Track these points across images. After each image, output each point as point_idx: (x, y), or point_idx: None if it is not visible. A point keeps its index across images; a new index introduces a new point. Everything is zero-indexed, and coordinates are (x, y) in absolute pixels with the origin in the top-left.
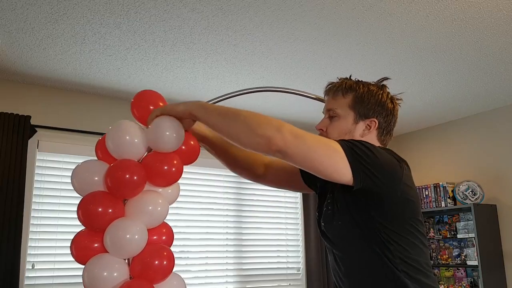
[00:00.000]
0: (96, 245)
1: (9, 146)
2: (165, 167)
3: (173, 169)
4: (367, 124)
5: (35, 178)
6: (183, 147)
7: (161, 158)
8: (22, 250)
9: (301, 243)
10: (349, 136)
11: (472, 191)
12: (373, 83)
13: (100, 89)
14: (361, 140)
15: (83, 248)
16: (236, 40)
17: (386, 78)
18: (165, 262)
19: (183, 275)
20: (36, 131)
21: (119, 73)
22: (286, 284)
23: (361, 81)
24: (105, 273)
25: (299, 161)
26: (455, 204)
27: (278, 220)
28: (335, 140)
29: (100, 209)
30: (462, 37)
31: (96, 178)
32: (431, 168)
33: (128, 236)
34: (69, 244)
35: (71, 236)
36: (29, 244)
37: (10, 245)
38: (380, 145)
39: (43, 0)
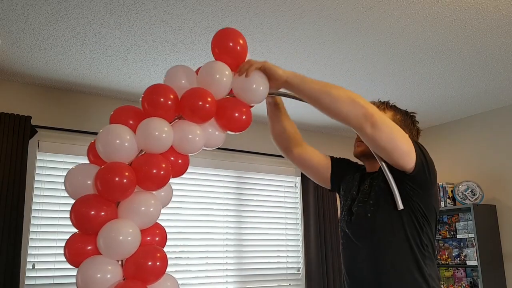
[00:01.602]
0: (89, 247)
1: (9, 146)
2: (154, 171)
3: (162, 172)
4: None
5: (36, 179)
6: (180, 161)
7: (150, 162)
8: (23, 250)
9: (301, 243)
10: None
11: (471, 192)
12: (405, 110)
13: (100, 89)
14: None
15: (77, 251)
16: None
17: (415, 112)
18: (158, 263)
19: (183, 275)
20: (36, 131)
21: (120, 74)
22: (286, 284)
23: (397, 107)
24: (98, 275)
25: (383, 138)
26: (454, 204)
27: (278, 220)
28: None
29: (92, 212)
30: (462, 37)
31: (88, 182)
32: None
33: (121, 237)
34: None
35: None
36: (29, 244)
37: (11, 245)
38: None
39: (44, 1)
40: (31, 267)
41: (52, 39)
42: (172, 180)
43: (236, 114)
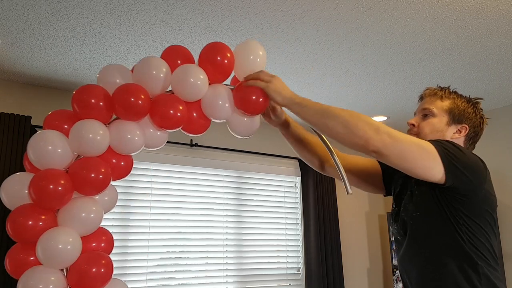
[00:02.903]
0: (31, 258)
1: (9, 146)
2: (92, 175)
3: (100, 176)
4: (459, 129)
5: None
6: (122, 163)
7: (86, 166)
8: None
9: (301, 243)
10: (440, 135)
11: None
12: (469, 97)
13: None
14: (450, 141)
15: (18, 262)
16: (236, 40)
17: (480, 98)
18: (102, 270)
19: (183, 275)
20: (36, 131)
21: None
22: (286, 284)
23: (457, 92)
24: (40, 286)
25: (393, 161)
26: None
27: (278, 220)
28: (426, 139)
29: (30, 222)
30: (462, 37)
31: (25, 191)
32: None
33: (60, 246)
34: None
35: None
36: None
37: (11, 246)
38: None
39: (44, 1)
40: None
41: (52, 39)
42: (172, 180)
43: (171, 111)
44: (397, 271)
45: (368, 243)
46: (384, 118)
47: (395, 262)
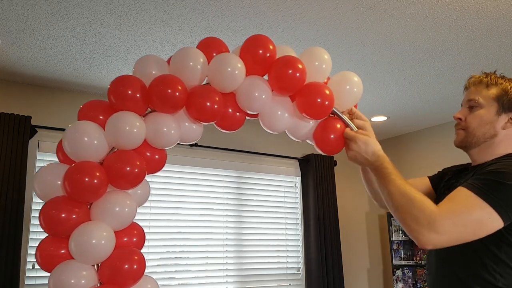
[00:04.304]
0: (62, 251)
1: (9, 146)
2: (127, 168)
3: (136, 170)
4: (510, 117)
5: None
6: (156, 156)
7: (122, 159)
8: (23, 250)
9: (301, 243)
10: (490, 128)
11: None
12: None
13: (100, 89)
14: (498, 170)
15: (49, 255)
16: (236, 40)
17: None
18: (135, 266)
19: (183, 275)
20: (36, 131)
21: (120, 74)
22: (286, 284)
23: (505, 77)
24: (72, 280)
25: (452, 243)
26: None
27: (278, 220)
28: (475, 134)
29: (63, 215)
30: (462, 37)
31: (59, 183)
32: (431, 168)
33: (94, 241)
34: None
35: None
36: (29, 244)
37: (11, 245)
38: None
39: (44, 1)
40: (31, 267)
41: (52, 39)
42: (172, 180)
43: (208, 104)
44: (397, 271)
45: (368, 243)
46: (384, 118)
47: (395, 262)
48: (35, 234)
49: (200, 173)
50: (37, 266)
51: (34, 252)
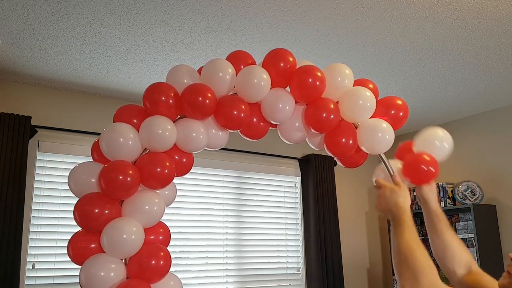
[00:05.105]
0: (93, 245)
1: (9, 146)
2: (158, 169)
3: (166, 171)
4: None
5: (36, 179)
6: (184, 160)
7: (154, 160)
8: (23, 250)
9: (301, 243)
10: None
11: (471, 192)
12: None
13: (100, 89)
14: None
15: (80, 249)
16: (236, 40)
17: None
18: (161, 262)
19: (183, 275)
20: (36, 131)
21: (119, 74)
22: (286, 284)
23: None
24: (102, 273)
25: None
26: (454, 205)
27: (278, 220)
28: None
29: (96, 210)
30: (462, 37)
31: (92, 180)
32: None
33: (124, 236)
34: None
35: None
36: (29, 244)
37: (11, 245)
38: None
39: (44, 1)
40: (31, 267)
41: (52, 39)
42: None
43: (235, 112)
44: None
45: (368, 243)
46: None
47: None
48: (35, 234)
49: (200, 173)
50: (37, 266)
51: (34, 252)
